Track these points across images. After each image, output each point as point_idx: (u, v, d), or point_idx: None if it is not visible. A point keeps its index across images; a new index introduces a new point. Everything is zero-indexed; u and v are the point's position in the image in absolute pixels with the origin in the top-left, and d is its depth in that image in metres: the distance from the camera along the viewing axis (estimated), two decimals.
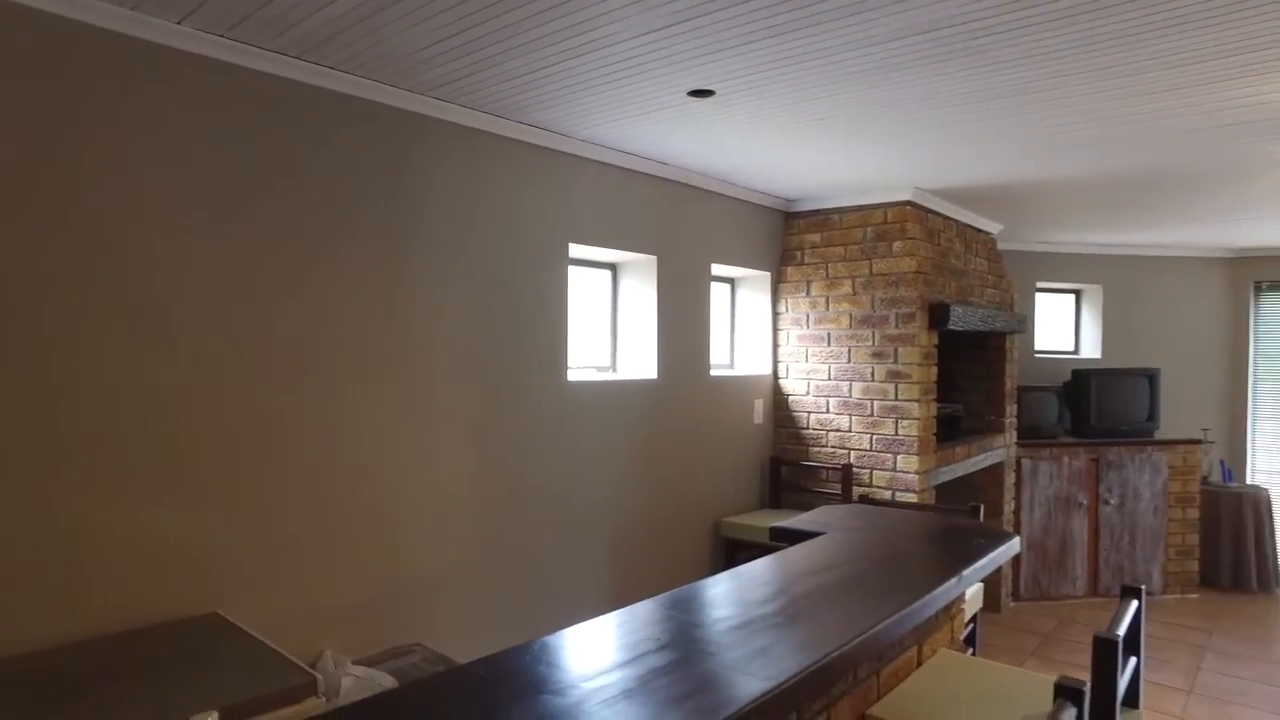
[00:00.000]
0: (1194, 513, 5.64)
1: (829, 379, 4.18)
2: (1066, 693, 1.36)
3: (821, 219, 4.25)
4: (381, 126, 2.60)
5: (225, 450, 2.27)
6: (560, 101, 2.71)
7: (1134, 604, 1.87)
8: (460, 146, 2.82)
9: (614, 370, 3.68)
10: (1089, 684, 1.45)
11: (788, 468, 4.26)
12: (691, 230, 3.79)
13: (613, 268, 3.70)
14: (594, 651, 1.44)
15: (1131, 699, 1.93)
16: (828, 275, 4.20)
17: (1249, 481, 6.21)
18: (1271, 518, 5.84)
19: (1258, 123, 2.87)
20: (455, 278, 2.81)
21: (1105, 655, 1.59)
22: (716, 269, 4.03)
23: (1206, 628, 4.95)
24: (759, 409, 4.24)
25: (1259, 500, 5.79)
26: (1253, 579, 5.69)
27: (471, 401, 2.87)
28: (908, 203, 3.98)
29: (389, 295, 2.63)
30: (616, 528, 3.42)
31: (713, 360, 3.98)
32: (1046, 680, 1.94)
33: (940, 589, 1.85)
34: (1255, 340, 6.31)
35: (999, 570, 5.02)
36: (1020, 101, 2.71)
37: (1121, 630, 1.70)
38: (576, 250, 3.32)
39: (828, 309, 4.19)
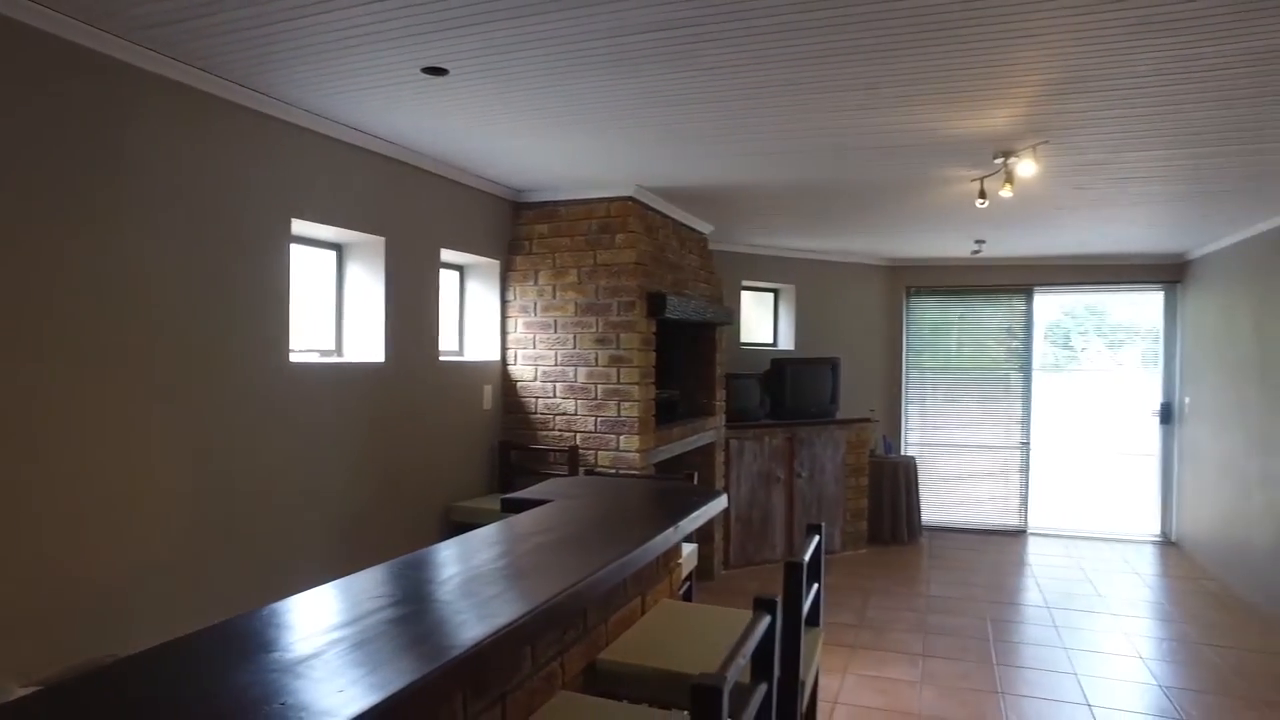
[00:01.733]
0: (864, 481, 6.61)
1: (556, 365, 4.34)
2: (763, 604, 1.58)
3: (550, 210, 4.41)
4: (82, 77, 2.28)
5: None
6: (288, 65, 2.56)
7: (815, 538, 2.21)
8: (177, 105, 2.56)
9: (340, 354, 3.54)
10: (781, 599, 1.70)
11: (517, 451, 4.36)
12: (422, 214, 3.75)
13: (339, 248, 3.56)
14: (327, 611, 1.42)
15: (814, 618, 2.27)
16: (555, 265, 4.36)
17: (904, 453, 7.40)
18: (917, 482, 7.02)
19: (915, 148, 3.44)
20: (167, 249, 2.55)
21: (793, 576, 1.87)
22: (446, 255, 4.02)
23: (873, 575, 5.85)
24: (488, 394, 4.30)
25: (909, 467, 6.94)
26: (905, 532, 6.81)
27: (183, 382, 2.62)
28: (630, 199, 4.26)
29: (88, 265, 2.32)
30: (347, 514, 3.30)
31: (442, 346, 3.97)
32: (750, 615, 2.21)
33: (659, 537, 2.04)
34: (907, 336, 7.54)
35: (711, 541, 5.52)
36: (735, 108, 2.97)
37: (806, 558, 2.01)
38: (301, 227, 3.16)
39: (555, 297, 4.35)
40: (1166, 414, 7.13)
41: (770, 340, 7.03)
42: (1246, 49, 2.33)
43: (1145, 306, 7.78)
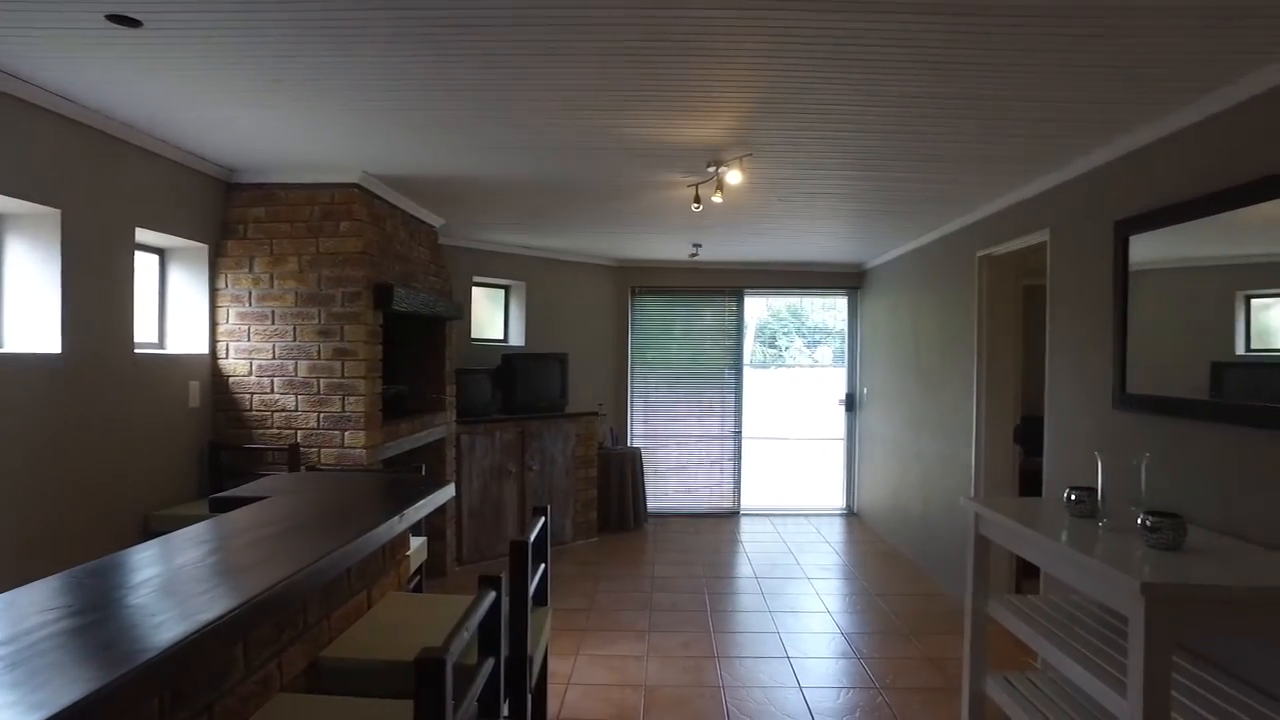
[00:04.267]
0: (594, 472, 6.88)
1: (274, 358, 4.05)
2: (488, 581, 1.63)
3: (267, 193, 4.10)
4: None
5: None
6: None
7: (541, 520, 2.29)
8: None
9: None
10: (506, 576, 1.76)
11: (230, 452, 4.01)
12: (113, 188, 3.31)
13: None
14: None
15: (541, 597, 2.35)
16: (273, 252, 4.07)
17: (630, 444, 7.81)
18: (642, 471, 7.45)
19: (638, 151, 3.65)
20: None
21: (518, 554, 1.94)
22: (144, 235, 3.58)
23: (602, 561, 6.11)
24: (195, 391, 3.91)
25: (635, 458, 7.34)
26: (631, 519, 7.20)
27: None
28: (356, 186, 4.09)
29: None
30: (23, 532, 2.81)
31: (139, 337, 3.54)
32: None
33: (383, 526, 2.00)
34: (632, 334, 7.96)
35: (443, 537, 5.45)
36: (466, 100, 2.95)
37: (531, 537, 2.08)
38: None
39: (273, 286, 4.06)
40: (850, 403, 8.22)
41: (501, 336, 7.08)
42: (902, 92, 2.78)
43: (835, 309, 8.86)
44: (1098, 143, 3.34)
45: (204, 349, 4.01)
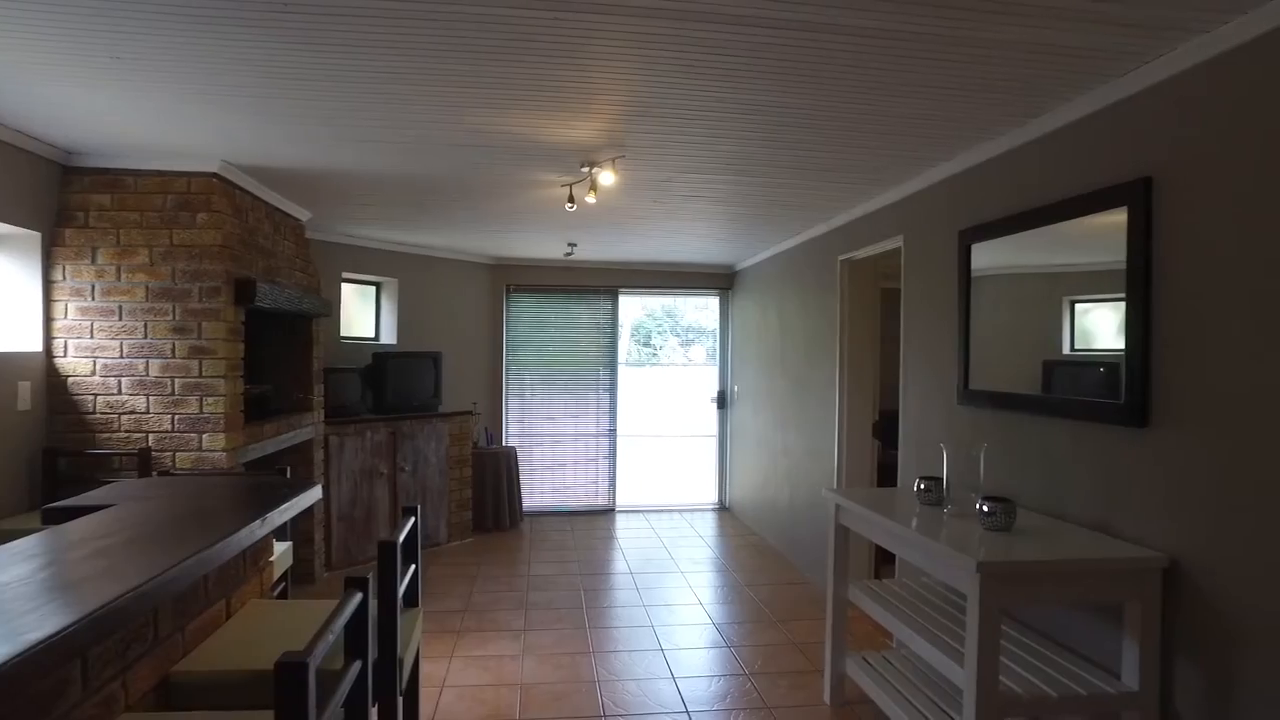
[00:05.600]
0: (468, 472, 6.79)
1: (122, 356, 3.79)
2: (354, 583, 1.60)
3: (113, 179, 3.82)
4: None
5: None
6: None
7: (411, 520, 2.27)
8: None
9: None
10: (374, 578, 1.73)
11: (69, 459, 3.72)
12: None
13: None
14: None
15: (412, 598, 2.32)
16: (120, 242, 3.80)
17: (505, 443, 7.75)
18: (518, 470, 7.41)
19: (510, 149, 3.64)
20: None
21: (387, 554, 1.91)
22: None
23: (477, 561, 6.05)
24: (26, 393, 3.60)
25: (510, 457, 7.30)
26: (507, 519, 7.15)
27: None
28: (215, 175, 3.87)
29: None
30: None
31: None
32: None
33: (243, 530, 1.92)
34: (507, 333, 7.90)
35: (311, 542, 5.25)
36: (334, 89, 2.85)
37: (400, 538, 2.06)
38: None
39: (119, 279, 3.79)
40: (722, 400, 8.46)
41: (372, 334, 6.87)
42: (765, 101, 2.91)
43: (708, 309, 9.09)
44: (944, 156, 3.59)
45: (37, 346, 3.70)
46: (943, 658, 2.56)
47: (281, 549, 3.08)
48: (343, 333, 6.36)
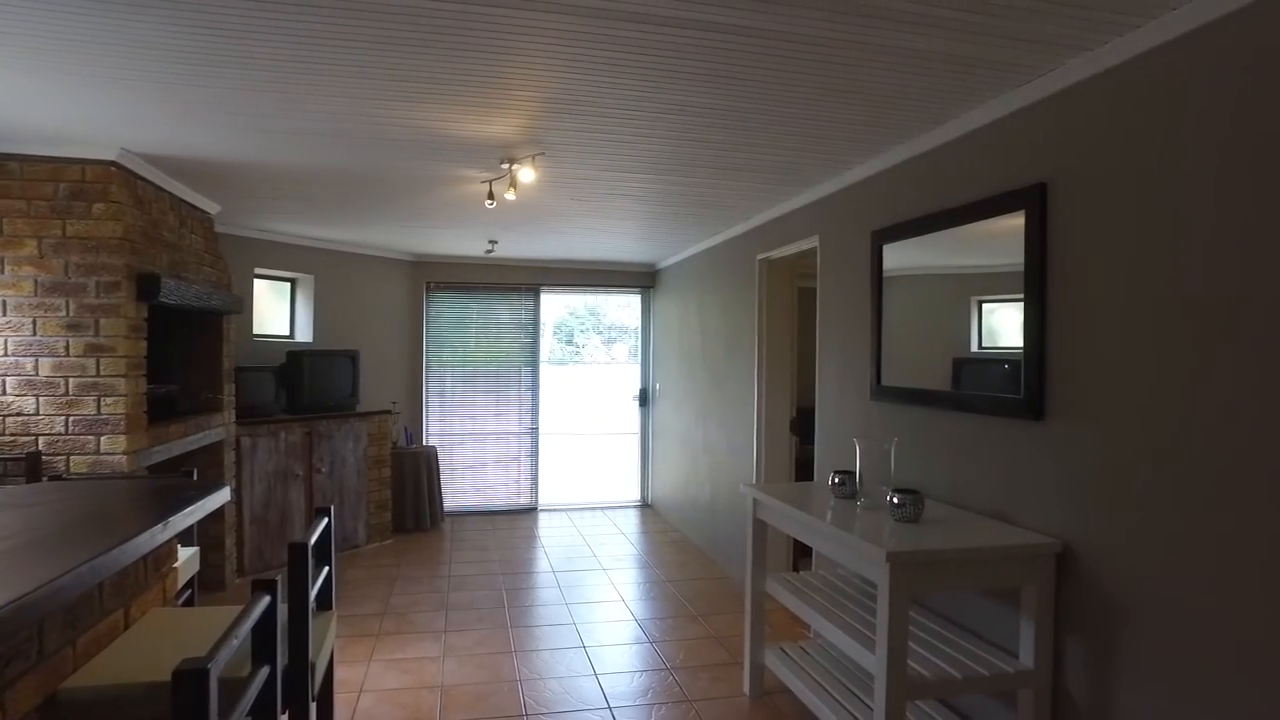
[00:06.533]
0: (387, 472, 6.65)
1: (7, 354, 3.57)
2: (262, 585, 1.56)
3: None
4: None
5: None
6: None
7: (324, 520, 2.21)
8: None
9: None
10: (284, 581, 1.69)
11: None
12: None
13: None
14: None
15: (325, 601, 2.26)
16: (5, 233, 3.58)
17: (425, 443, 7.62)
18: (438, 470, 7.30)
19: (426, 144, 3.57)
20: None
21: (298, 557, 1.86)
22: None
23: (397, 563, 5.93)
24: None
25: (431, 457, 7.18)
26: (428, 519, 7.04)
27: None
28: (113, 163, 3.68)
29: None
30: None
31: None
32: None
33: (143, 535, 1.83)
34: (427, 331, 7.77)
35: (221, 547, 5.05)
36: (240, 77, 2.74)
37: (313, 539, 2.01)
38: None
39: (4, 272, 3.57)
40: (644, 398, 8.51)
41: (287, 332, 6.65)
42: (685, 102, 2.94)
43: (630, 308, 9.12)
44: (857, 159, 3.70)
45: None
46: (856, 645, 2.64)
47: (187, 554, 2.96)
48: (256, 330, 6.14)
